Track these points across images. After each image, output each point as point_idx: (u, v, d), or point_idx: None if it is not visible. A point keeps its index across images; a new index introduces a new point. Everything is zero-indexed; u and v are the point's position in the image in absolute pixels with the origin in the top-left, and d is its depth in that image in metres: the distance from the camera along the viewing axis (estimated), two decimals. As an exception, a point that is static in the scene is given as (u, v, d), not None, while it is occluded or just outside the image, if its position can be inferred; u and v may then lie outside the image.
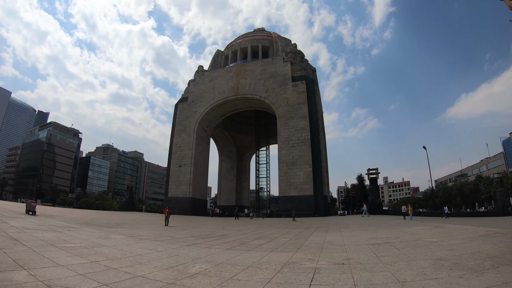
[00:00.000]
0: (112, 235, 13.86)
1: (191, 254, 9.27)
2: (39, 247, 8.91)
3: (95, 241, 11.31)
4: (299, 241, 13.47)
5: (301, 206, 45.55)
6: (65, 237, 11.90)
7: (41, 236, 11.41)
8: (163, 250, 9.94)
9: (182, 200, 54.55)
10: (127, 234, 14.76)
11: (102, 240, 11.79)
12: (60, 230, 14.31)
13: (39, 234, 12.00)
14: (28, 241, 9.78)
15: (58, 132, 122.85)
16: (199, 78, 62.47)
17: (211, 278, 6.13)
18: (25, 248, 8.50)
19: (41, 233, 12.44)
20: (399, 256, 8.49)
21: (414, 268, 6.73)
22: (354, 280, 5.95)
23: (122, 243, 11.42)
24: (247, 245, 12.05)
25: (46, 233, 12.80)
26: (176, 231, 18.50)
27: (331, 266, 7.44)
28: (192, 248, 10.74)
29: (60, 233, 13.28)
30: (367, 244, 11.75)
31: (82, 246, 9.80)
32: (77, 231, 14.91)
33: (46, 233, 12.82)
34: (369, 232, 17.18)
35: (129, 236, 13.82)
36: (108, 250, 9.29)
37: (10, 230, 12.44)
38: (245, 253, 9.70)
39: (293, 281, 6.01)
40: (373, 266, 7.36)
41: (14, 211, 27.07)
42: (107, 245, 10.58)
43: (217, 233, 16.92)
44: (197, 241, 12.82)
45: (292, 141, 48.93)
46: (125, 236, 13.76)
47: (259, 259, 8.60)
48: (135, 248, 10.06)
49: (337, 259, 8.41)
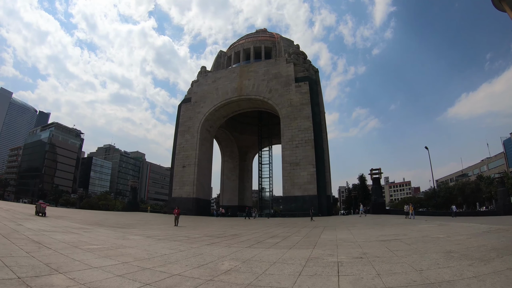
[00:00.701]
0: (129, 236, 14.13)
1: (214, 252, 9.66)
2: (64, 249, 9.02)
3: (115, 242, 11.54)
4: (312, 239, 13.93)
5: (304, 206, 45.90)
6: (85, 239, 12.09)
7: (61, 238, 11.59)
8: (185, 249, 10.28)
9: (186, 200, 54.87)
10: (143, 235, 15.08)
11: (121, 241, 12.04)
12: (76, 232, 14.53)
13: (58, 236, 12.16)
14: (51, 244, 9.87)
15: (60, 133, 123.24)
16: (202, 79, 62.86)
17: (245, 274, 6.54)
18: (51, 251, 8.56)
19: (60, 235, 12.61)
20: (411, 250, 9.09)
21: (427, 260, 7.35)
22: (376, 270, 6.51)
23: (143, 243, 11.71)
24: (263, 243, 12.45)
25: (64, 235, 12.98)
26: (189, 231, 18.89)
27: (351, 260, 7.96)
28: (212, 247, 11.14)
29: (77, 234, 13.49)
30: (378, 240, 12.33)
31: (106, 248, 9.97)
32: (93, 232, 15.12)
33: (64, 235, 13.01)
34: (377, 230, 17.66)
35: (146, 237, 14.13)
36: (132, 251, 9.53)
37: (28, 232, 12.53)
38: (266, 251, 10.12)
39: (322, 273, 6.51)
40: (389, 259, 7.92)
41: (24, 212, 27.23)
42: (129, 246, 10.83)
43: (229, 233, 17.31)
44: (214, 241, 13.21)
45: (296, 141, 49.33)
46: (142, 237, 14.07)
47: (281, 255, 9.04)
48: (157, 248, 10.37)
49: (355, 254, 8.97)
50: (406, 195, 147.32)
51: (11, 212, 26.04)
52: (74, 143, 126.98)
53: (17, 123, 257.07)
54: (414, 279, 5.62)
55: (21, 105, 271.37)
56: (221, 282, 5.84)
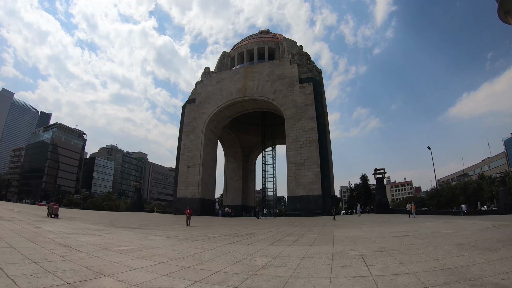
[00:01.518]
0: (151, 237, 14.36)
1: (241, 250, 10.12)
2: (96, 252, 9.06)
3: (141, 243, 11.69)
4: (327, 236, 14.47)
5: (309, 206, 46.47)
6: (109, 240, 12.17)
7: (87, 241, 11.65)
8: (212, 248, 10.67)
9: (191, 200, 55.22)
10: (163, 235, 15.41)
11: (146, 242, 12.21)
12: (97, 233, 14.60)
13: (83, 239, 12.23)
14: (80, 246, 9.93)
15: (63, 133, 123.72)
16: (206, 80, 63.33)
17: (281, 268, 7.02)
18: (84, 254, 8.59)
19: (84, 237, 12.69)
20: (425, 244, 9.89)
21: (441, 251, 8.16)
22: (398, 260, 7.21)
23: (168, 244, 11.97)
24: (283, 241, 12.93)
25: (87, 237, 13.06)
26: (204, 231, 19.31)
27: (373, 253, 8.61)
28: (236, 245, 11.59)
29: (99, 236, 13.59)
30: (391, 236, 12.99)
31: (135, 249, 10.07)
32: (113, 233, 15.22)
33: (88, 237, 13.08)
34: (386, 228, 18.23)
35: (167, 237, 14.44)
36: (163, 251, 9.76)
37: (51, 235, 12.51)
38: (289, 248, 10.60)
39: (351, 264, 7.14)
40: (407, 251, 8.63)
41: (35, 214, 27.25)
42: (156, 246, 11.02)
43: (244, 232, 17.75)
44: (234, 240, 13.65)
45: (300, 142, 49.79)
46: (163, 237, 14.37)
47: (306, 251, 9.56)
48: (184, 248, 10.70)
49: (374, 248, 9.61)
50: (407, 195, 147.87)
51: (24, 214, 26.10)
52: (76, 144, 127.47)
53: (19, 124, 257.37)
54: (433, 265, 6.43)
55: (23, 106, 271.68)
56: (264, 275, 6.30)
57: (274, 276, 6.25)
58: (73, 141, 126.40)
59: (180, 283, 5.71)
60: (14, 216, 20.80)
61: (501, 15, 12.25)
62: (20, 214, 25.29)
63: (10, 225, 14.99)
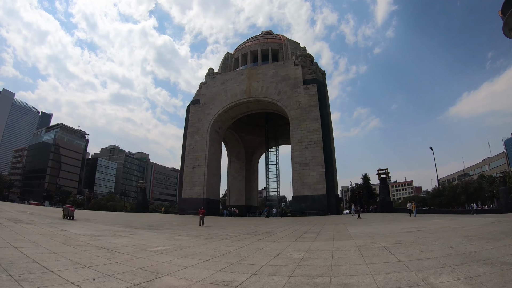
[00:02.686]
0: (177, 237, 14.71)
1: (271, 246, 10.78)
2: (137, 253, 9.23)
3: (173, 243, 11.94)
4: (343, 233, 15.31)
5: (314, 205, 47.13)
6: (141, 242, 12.30)
7: (119, 242, 11.79)
8: (242, 246, 11.29)
9: (196, 200, 55.80)
10: (188, 235, 15.83)
11: (176, 242, 12.43)
12: (124, 235, 14.78)
13: (114, 240, 12.35)
14: (118, 248, 10.01)
15: (65, 134, 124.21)
16: (210, 81, 63.93)
17: (319, 259, 7.80)
18: (127, 255, 8.71)
19: (114, 239, 12.80)
20: (437, 237, 11.17)
21: (453, 242, 9.44)
22: (418, 249, 8.41)
23: (198, 243, 12.34)
24: (304, 238, 13.62)
25: (117, 238, 13.21)
26: (221, 230, 19.90)
27: (393, 245, 9.58)
28: (264, 242, 12.23)
29: (127, 237, 13.74)
30: (404, 232, 14.06)
31: (171, 249, 10.30)
32: (137, 234, 15.38)
33: (117, 238, 13.22)
34: (396, 225, 19.17)
35: (192, 237, 14.89)
36: (199, 250, 10.19)
37: (82, 238, 12.47)
38: (315, 243, 11.33)
39: (378, 254, 8.10)
40: (422, 242, 9.82)
41: (50, 216, 26.70)
42: (189, 245, 11.32)
43: (262, 231, 18.38)
44: (257, 238, 14.30)
45: (305, 142, 50.45)
46: (189, 237, 14.77)
47: (332, 245, 10.37)
48: (217, 246, 11.18)
49: (392, 241, 10.57)
50: (408, 195, 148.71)
51: (38, 216, 25.20)
52: (79, 144, 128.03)
53: (20, 124, 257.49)
54: (449, 252, 7.70)
55: (24, 106, 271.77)
56: (308, 266, 7.01)
57: (317, 266, 6.97)
58: (75, 141, 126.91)
59: (239, 276, 6.28)
60: (32, 219, 20.47)
61: (505, 31, 13.04)
62: (35, 216, 24.72)
63: (35, 228, 14.98)
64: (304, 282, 5.77)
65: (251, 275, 6.39)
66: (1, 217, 18.97)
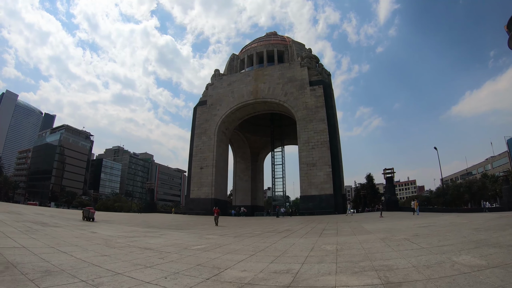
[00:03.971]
0: (206, 236, 15.21)
1: (301, 242, 11.60)
2: (182, 251, 9.72)
3: (209, 242, 12.46)
4: (360, 229, 16.33)
5: (321, 205, 47.88)
6: (177, 241, 12.71)
7: (157, 242, 12.20)
8: (275, 242, 12.04)
9: (204, 201, 56.64)
10: (215, 234, 16.41)
11: (210, 240, 13.02)
12: (156, 235, 15.22)
13: (151, 241, 12.73)
14: (161, 248, 10.34)
15: (70, 135, 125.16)
16: (217, 82, 64.74)
17: (352, 250, 8.77)
18: (176, 255, 9.07)
19: (150, 240, 13.17)
20: (449, 229, 12.50)
21: (464, 233, 10.74)
22: (435, 239, 9.57)
23: (230, 241, 12.86)
24: (326, 234, 14.48)
25: (152, 239, 13.55)
26: (242, 229, 20.53)
27: (412, 237, 10.64)
28: (292, 238, 13.07)
29: (161, 238, 14.15)
30: (417, 227, 15.10)
31: (210, 247, 10.78)
32: (168, 235, 15.80)
33: (153, 239, 13.57)
34: (408, 221, 20.24)
35: (220, 236, 15.50)
36: (237, 247, 10.76)
37: (119, 240, 12.69)
38: (340, 238, 12.29)
39: (402, 244, 9.17)
40: (438, 234, 11.06)
41: (69, 218, 26.64)
42: (225, 243, 11.88)
43: (281, 229, 19.15)
44: (282, 235, 15.12)
45: (312, 143, 51.23)
46: (217, 236, 15.34)
47: (357, 239, 11.40)
48: (251, 243, 11.91)
49: (410, 234, 11.62)
50: (411, 194, 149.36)
51: (58, 218, 25.12)
52: (84, 145, 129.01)
53: (23, 126, 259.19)
54: (463, 240, 9.00)
55: (27, 108, 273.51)
56: (346, 255, 7.93)
57: (354, 255, 7.90)
58: (80, 142, 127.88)
59: (292, 266, 7.07)
60: (56, 222, 20.40)
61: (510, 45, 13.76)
62: (55, 218, 24.69)
63: (65, 231, 15.01)
64: (351, 266, 6.68)
65: (302, 264, 7.20)
66: (25, 220, 19.19)
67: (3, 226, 14.42)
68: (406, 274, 5.67)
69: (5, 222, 16.15)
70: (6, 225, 14.90)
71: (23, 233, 12.45)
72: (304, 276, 6.06)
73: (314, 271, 6.45)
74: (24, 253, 8.13)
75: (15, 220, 18.56)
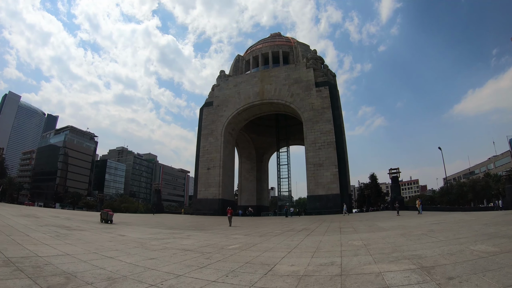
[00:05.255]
0: (233, 236, 15.49)
1: (327, 239, 12.31)
2: (221, 251, 10.02)
3: (240, 241, 12.82)
4: (376, 227, 17.31)
5: (329, 204, 48.57)
6: (209, 242, 12.94)
7: (191, 243, 12.43)
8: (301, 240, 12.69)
9: (211, 201, 57.38)
10: (240, 234, 16.81)
11: (240, 240, 13.42)
12: (184, 237, 15.41)
13: (183, 242, 12.93)
14: (199, 249, 10.62)
15: (75, 136, 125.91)
16: (223, 83, 65.44)
17: (379, 243, 9.61)
18: (218, 255, 9.31)
19: (182, 241, 13.36)
20: (460, 225, 13.77)
21: (474, 227, 12.03)
22: (451, 233, 10.68)
23: (260, 240, 13.23)
24: (345, 232, 15.23)
25: (183, 240, 13.81)
26: (259, 229, 21.09)
27: (428, 232, 11.62)
28: (315, 236, 13.78)
29: (191, 239, 14.29)
30: (429, 224, 16.03)
31: (244, 247, 11.09)
32: (196, 236, 16.00)
33: (184, 240, 13.83)
34: (418, 219, 21.16)
35: (245, 235, 16.05)
36: (269, 245, 11.22)
37: (153, 242, 12.72)
38: (360, 235, 13.18)
39: (421, 237, 10.19)
40: (451, 229, 12.22)
41: (85, 220, 26.45)
42: (256, 243, 12.26)
43: (298, 228, 19.79)
44: (304, 233, 15.82)
45: (319, 143, 51.92)
46: (243, 235, 15.74)
47: (378, 235, 12.41)
48: (280, 241, 12.49)
49: (425, 230, 12.62)
50: (414, 193, 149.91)
51: (76, 221, 24.56)
52: (89, 146, 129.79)
53: (26, 127, 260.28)
54: (475, 233, 10.14)
55: (30, 109, 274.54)
56: (375, 248, 8.82)
57: (383, 248, 8.76)
58: (85, 143, 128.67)
59: (333, 259, 7.79)
60: (77, 225, 20.07)
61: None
62: (73, 221, 24.11)
63: (94, 235, 14.92)
64: (385, 256, 7.48)
65: (340, 257, 7.92)
66: (47, 224, 18.67)
67: (32, 231, 13.84)
68: (435, 260, 6.64)
69: (30, 227, 15.57)
70: (34, 230, 14.32)
71: (56, 239, 12.10)
72: (349, 267, 6.77)
73: (355, 262, 7.19)
74: (72, 260, 7.91)
75: (38, 224, 18.08)
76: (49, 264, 7.20)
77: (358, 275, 6.03)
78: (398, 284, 5.19)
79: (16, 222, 17.76)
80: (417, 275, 5.56)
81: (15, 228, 14.46)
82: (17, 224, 16.79)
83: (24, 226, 16.09)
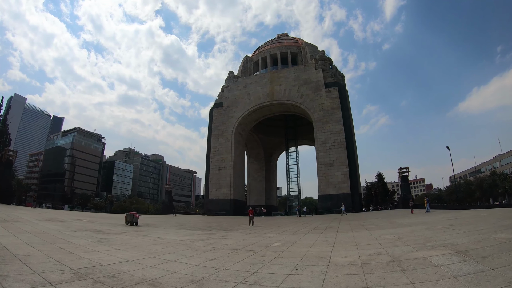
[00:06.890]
0: (266, 235, 15.61)
1: (358, 235, 13.22)
2: (268, 249, 10.31)
3: (279, 239, 13.32)
4: (397, 223, 18.21)
5: (339, 204, 49.24)
6: (249, 241, 13.13)
7: (233, 243, 12.58)
8: (335, 236, 13.49)
9: (223, 201, 58.19)
10: (272, 232, 17.21)
11: (277, 238, 13.83)
12: (220, 237, 15.41)
13: (225, 242, 13.06)
14: (245, 248, 10.92)
15: (82, 138, 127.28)
16: (232, 84, 66.28)
17: (410, 236, 10.79)
18: (271, 252, 9.64)
19: (222, 241, 13.53)
20: (476, 220, 14.87)
21: (491, 221, 13.45)
22: (471, 226, 11.92)
23: (298, 238, 13.57)
24: (369, 228, 16.13)
25: (223, 240, 13.99)
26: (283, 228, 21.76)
27: (449, 226, 12.81)
28: (345, 233, 14.62)
29: (229, 239, 14.30)
30: (447, 219, 17.13)
31: (286, 244, 11.51)
32: (230, 236, 16.17)
33: (223, 240, 14.00)
34: (433, 216, 22.20)
35: (277, 233, 16.55)
36: (310, 242, 11.80)
37: (196, 244, 12.69)
38: (387, 230, 14.30)
39: (446, 230, 11.33)
40: (470, 223, 13.46)
41: (110, 223, 25.34)
42: (295, 240, 12.79)
43: (322, 226, 20.57)
44: (332, 231, 16.68)
45: (329, 143, 52.69)
46: (276, 234, 16.18)
47: (404, 230, 13.49)
48: (316, 238, 13.21)
49: (446, 224, 13.72)
50: (420, 192, 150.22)
51: (102, 223, 23.59)
52: (96, 148, 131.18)
53: (32, 129, 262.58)
54: (493, 225, 11.51)
55: (35, 111, 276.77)
56: (409, 240, 9.90)
57: (415, 240, 9.85)
58: (92, 145, 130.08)
59: (379, 250, 8.65)
60: (108, 228, 19.28)
61: None
62: (99, 224, 22.89)
63: (134, 239, 14.36)
64: (422, 246, 8.61)
65: (383, 248, 8.86)
66: (79, 228, 17.78)
67: (71, 237, 13.05)
68: (466, 246, 7.84)
69: (64, 233, 14.76)
70: (72, 236, 13.52)
71: (100, 244, 11.50)
72: (396, 255, 7.72)
73: (399, 251, 8.16)
74: (140, 267, 7.66)
75: (69, 229, 17.15)
76: (121, 272, 6.93)
77: (408, 260, 6.99)
78: (445, 263, 6.27)
79: (46, 227, 16.80)
80: (457, 257, 6.69)
81: (51, 234, 13.55)
82: (49, 229, 15.78)
83: (57, 231, 15.17)
